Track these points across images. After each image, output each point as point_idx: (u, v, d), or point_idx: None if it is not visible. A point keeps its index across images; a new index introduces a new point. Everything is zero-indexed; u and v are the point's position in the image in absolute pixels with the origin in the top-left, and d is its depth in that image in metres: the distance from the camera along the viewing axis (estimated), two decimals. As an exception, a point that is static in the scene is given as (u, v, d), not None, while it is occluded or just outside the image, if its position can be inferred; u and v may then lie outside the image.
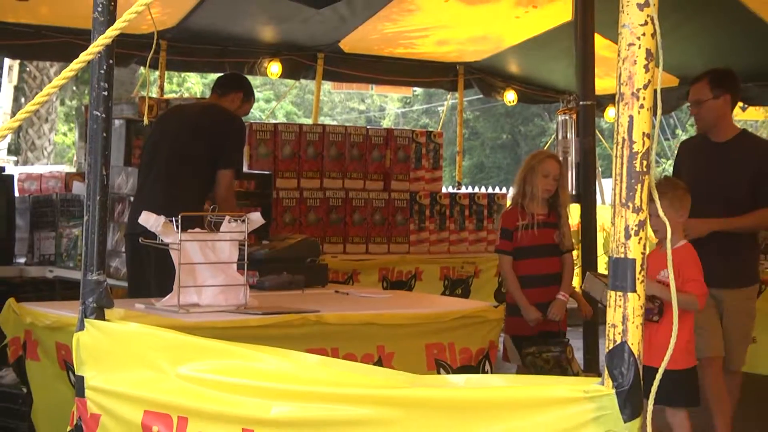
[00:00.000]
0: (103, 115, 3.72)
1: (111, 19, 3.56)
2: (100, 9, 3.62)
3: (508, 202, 12.04)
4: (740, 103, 12.18)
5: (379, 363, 5.25)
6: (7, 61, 19.89)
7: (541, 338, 6.75)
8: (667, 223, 2.89)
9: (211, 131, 6.65)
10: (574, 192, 7.51)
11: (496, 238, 10.20)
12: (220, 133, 6.65)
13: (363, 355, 5.22)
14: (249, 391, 3.13)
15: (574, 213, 13.69)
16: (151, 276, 6.33)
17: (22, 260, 8.09)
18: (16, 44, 10.37)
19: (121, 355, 3.55)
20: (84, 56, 3.17)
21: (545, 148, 19.27)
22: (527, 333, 6.71)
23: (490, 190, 11.68)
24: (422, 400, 2.76)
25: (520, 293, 6.53)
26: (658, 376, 2.37)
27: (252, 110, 7.23)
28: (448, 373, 5.20)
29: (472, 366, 5.56)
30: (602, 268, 6.84)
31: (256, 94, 29.29)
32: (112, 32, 3.32)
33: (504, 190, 11.75)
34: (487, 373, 5.52)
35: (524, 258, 7.04)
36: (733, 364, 6.56)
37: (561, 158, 14.83)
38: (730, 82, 5.94)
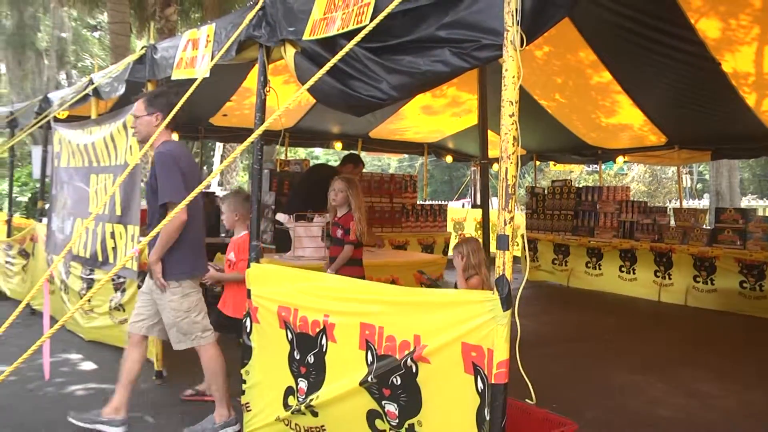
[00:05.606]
0: (259, 168, 3.67)
1: (261, 123, 3.52)
2: (257, 118, 3.59)
3: (450, 211, 12.16)
4: (552, 162, 12.14)
5: (393, 282, 5.19)
6: (218, 144, 20.03)
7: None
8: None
9: (322, 181, 6.20)
10: (479, 204, 7.24)
11: (445, 226, 10.29)
12: (323, 181, 6.27)
13: (384, 279, 5.17)
14: (328, 296, 3.08)
15: (466, 215, 13.69)
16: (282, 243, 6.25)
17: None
18: (222, 135, 10.36)
19: (268, 279, 3.50)
20: (248, 141, 3.11)
21: (463, 186, 19.07)
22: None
23: (440, 203, 11.60)
24: (400, 301, 2.70)
25: None
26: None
27: (327, 161, 7.04)
28: (426, 287, 5.05)
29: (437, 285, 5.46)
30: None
31: (331, 160, 29.46)
32: (260, 129, 3.25)
33: (445, 203, 11.77)
34: (440, 287, 5.44)
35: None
36: (179, 345, 3.91)
37: (472, 189, 14.44)
38: (161, 103, 3.93)
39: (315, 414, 3.10)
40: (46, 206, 6.90)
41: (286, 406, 3.30)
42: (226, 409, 3.93)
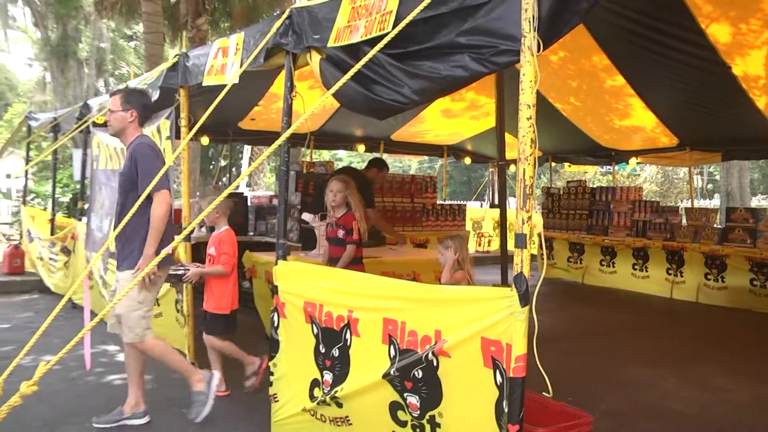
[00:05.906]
0: (285, 170, 3.66)
1: (288, 126, 3.51)
2: (284, 122, 3.58)
3: (468, 211, 11.96)
4: (567, 164, 11.98)
5: (415, 279, 5.17)
6: (246, 147, 19.96)
7: None
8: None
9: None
10: (497, 203, 7.12)
11: (464, 225, 10.13)
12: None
13: (406, 275, 5.15)
14: (352, 292, 3.07)
15: (483, 214, 13.56)
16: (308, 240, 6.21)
17: (251, 233, 7.98)
18: (251, 138, 10.39)
19: (294, 276, 3.50)
20: (276, 144, 3.11)
21: (481, 187, 18.88)
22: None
23: (459, 203, 11.42)
24: (422, 297, 2.68)
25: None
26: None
27: (350, 163, 7.00)
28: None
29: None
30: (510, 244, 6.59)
31: (354, 162, 29.43)
32: (287, 133, 3.26)
33: (464, 203, 11.66)
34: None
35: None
36: (125, 337, 3.82)
37: (489, 190, 14.26)
38: (136, 100, 3.93)
39: (340, 405, 3.10)
40: (86, 206, 6.98)
41: (311, 397, 3.30)
42: (195, 374, 3.89)
